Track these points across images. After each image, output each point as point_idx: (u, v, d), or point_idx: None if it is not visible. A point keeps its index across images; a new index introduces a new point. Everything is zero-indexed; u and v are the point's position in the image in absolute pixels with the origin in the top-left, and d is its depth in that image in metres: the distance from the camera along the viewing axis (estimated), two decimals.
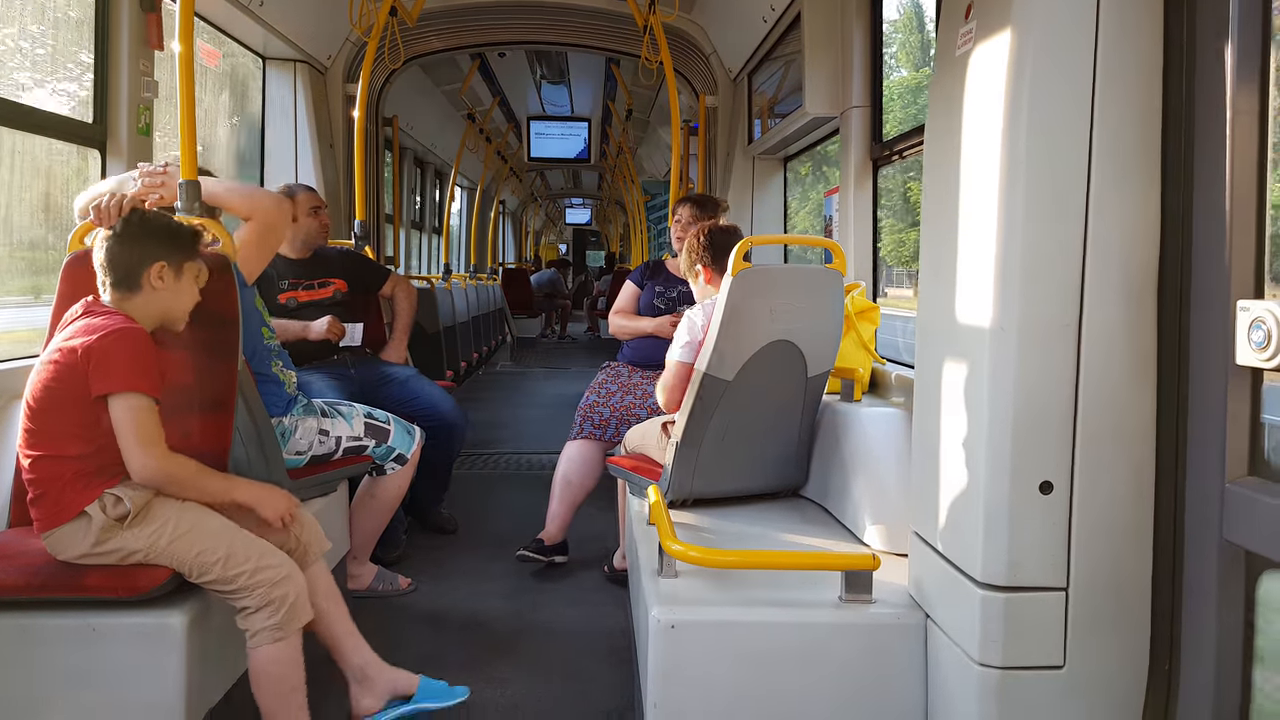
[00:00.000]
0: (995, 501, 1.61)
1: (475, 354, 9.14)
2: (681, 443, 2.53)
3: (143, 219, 2.09)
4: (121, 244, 2.03)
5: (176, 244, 2.08)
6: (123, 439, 1.89)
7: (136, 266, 2.02)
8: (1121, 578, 1.61)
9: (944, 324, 1.80)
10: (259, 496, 2.06)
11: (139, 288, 2.03)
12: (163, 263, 2.04)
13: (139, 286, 2.03)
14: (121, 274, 2.02)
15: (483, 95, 9.01)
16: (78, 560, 1.90)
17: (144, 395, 1.90)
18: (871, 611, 1.90)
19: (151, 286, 2.04)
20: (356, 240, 5.05)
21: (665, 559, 2.05)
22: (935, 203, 1.86)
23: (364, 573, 3.24)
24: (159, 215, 2.14)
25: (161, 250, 2.05)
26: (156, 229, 2.08)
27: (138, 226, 2.06)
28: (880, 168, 3.51)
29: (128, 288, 2.03)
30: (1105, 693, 1.62)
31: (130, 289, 2.03)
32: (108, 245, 2.04)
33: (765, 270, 2.51)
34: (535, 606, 3.19)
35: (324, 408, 2.99)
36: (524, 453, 5.75)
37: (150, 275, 2.03)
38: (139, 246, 2.03)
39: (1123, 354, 1.58)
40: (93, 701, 1.87)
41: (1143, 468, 1.59)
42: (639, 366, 3.75)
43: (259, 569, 1.93)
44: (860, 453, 2.46)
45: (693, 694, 1.85)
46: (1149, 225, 1.56)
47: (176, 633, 1.88)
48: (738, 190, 5.22)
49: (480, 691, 2.55)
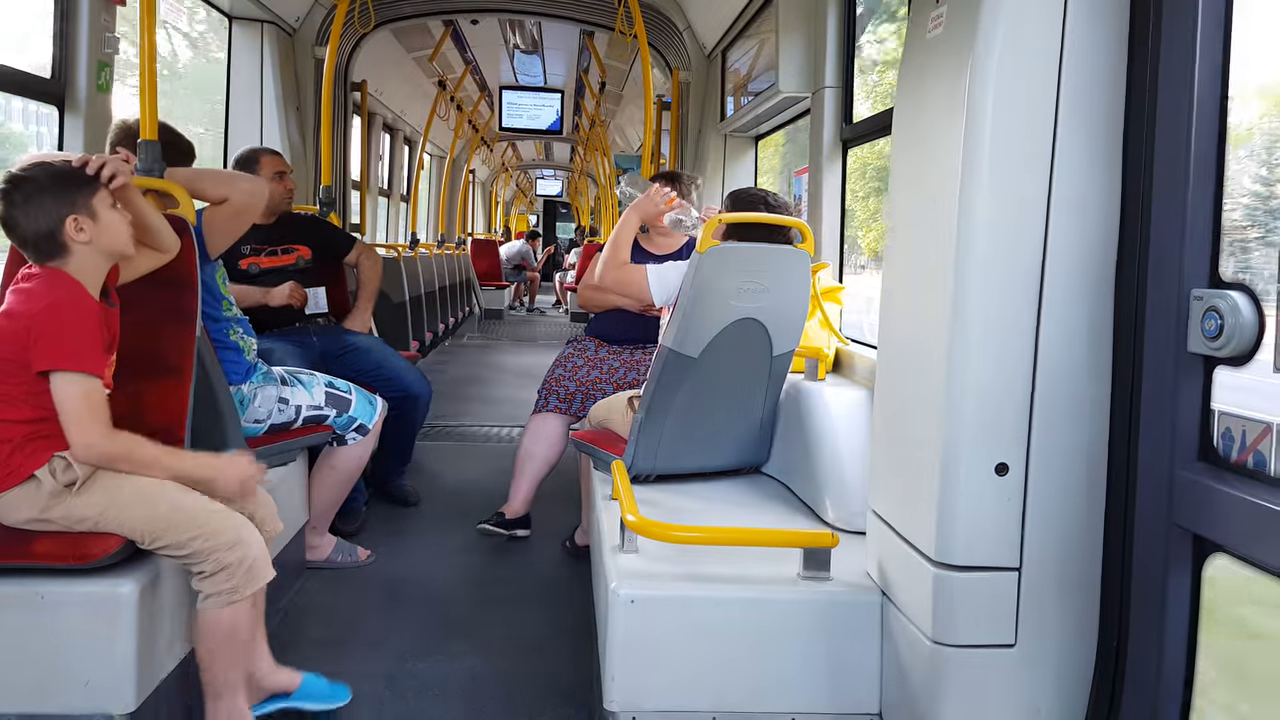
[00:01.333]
0: (951, 482, 1.63)
1: (442, 325, 9.08)
2: (646, 417, 2.53)
3: (19, 181, 1.86)
4: (23, 217, 1.86)
5: (72, 186, 1.88)
6: (63, 416, 1.82)
7: (49, 232, 1.86)
8: (1073, 559, 1.64)
9: (906, 306, 1.81)
10: (215, 467, 1.98)
11: (65, 250, 1.88)
12: (72, 215, 1.86)
13: (64, 249, 1.88)
14: (42, 247, 1.87)
15: (454, 63, 8.88)
16: (25, 525, 1.86)
17: (83, 374, 1.82)
18: (829, 589, 1.92)
19: (75, 241, 1.88)
20: (321, 206, 4.98)
21: (627, 534, 2.05)
22: (901, 184, 1.86)
23: (322, 544, 3.22)
24: (35, 168, 1.88)
25: (63, 203, 1.86)
26: (43, 185, 1.87)
27: (24, 191, 1.86)
28: (850, 149, 3.51)
29: (54, 255, 1.88)
30: (1055, 670, 1.65)
31: (58, 255, 1.88)
32: (11, 222, 1.87)
33: (733, 249, 2.51)
34: (496, 580, 3.19)
35: (284, 375, 2.96)
36: (488, 425, 5.73)
37: (68, 233, 1.87)
38: (38, 211, 1.85)
39: (1080, 340, 1.60)
40: (41, 671, 1.84)
41: (1096, 451, 1.62)
42: (606, 341, 3.73)
43: (212, 533, 1.89)
44: (822, 431, 2.48)
45: (652, 668, 1.86)
46: (1109, 212, 1.58)
47: (128, 601, 1.85)
48: (709, 168, 5.20)
49: (439, 664, 2.55)
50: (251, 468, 2.05)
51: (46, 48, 3.02)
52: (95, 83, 3.08)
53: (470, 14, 6.30)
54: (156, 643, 1.95)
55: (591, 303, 3.76)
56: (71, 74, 3.03)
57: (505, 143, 14.52)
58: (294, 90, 5.24)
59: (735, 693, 1.88)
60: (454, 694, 2.40)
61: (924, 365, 1.72)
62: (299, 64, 5.30)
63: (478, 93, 10.48)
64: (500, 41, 8.30)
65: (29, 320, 1.81)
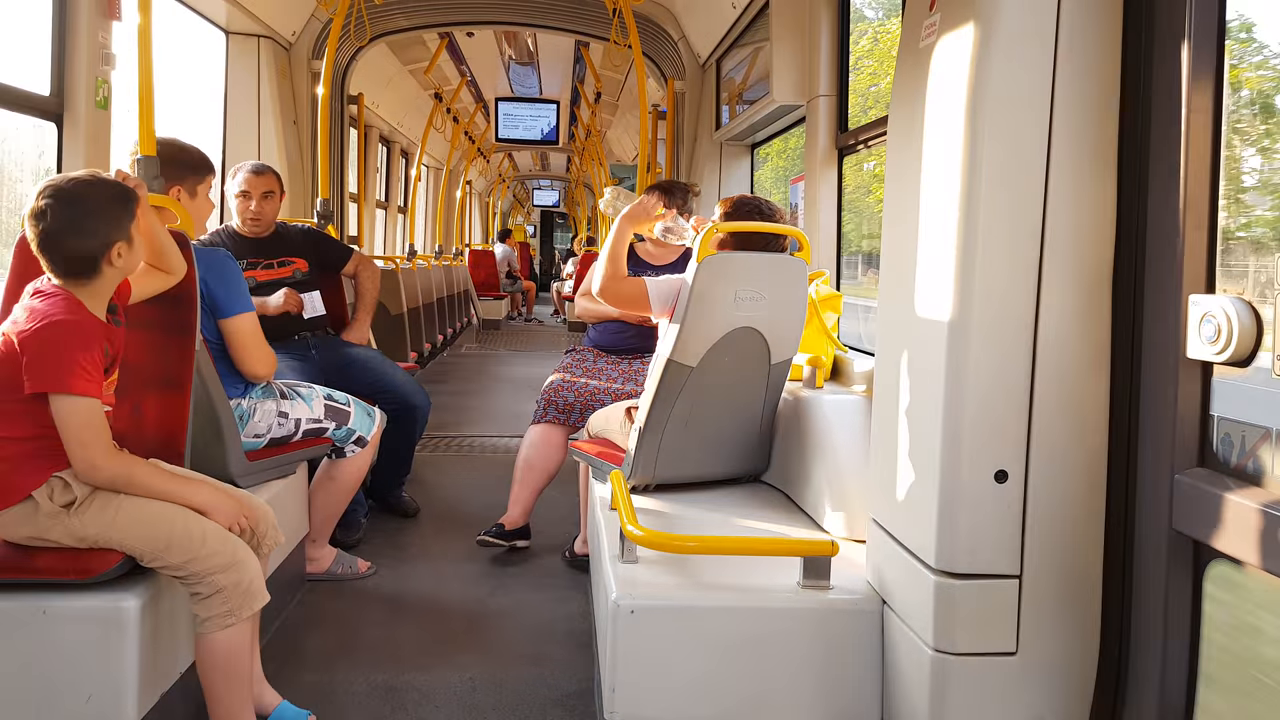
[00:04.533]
0: (951, 490, 1.63)
1: (440, 336, 9.08)
2: (645, 428, 2.53)
3: (71, 199, 1.83)
4: (72, 235, 1.82)
5: (124, 212, 1.89)
6: (64, 438, 1.81)
7: (93, 255, 1.84)
8: (1073, 566, 1.64)
9: (904, 313, 1.81)
10: (212, 502, 1.97)
11: (97, 273, 1.87)
12: (120, 242, 1.88)
13: (98, 272, 1.87)
14: (76, 267, 1.84)
15: (450, 75, 8.91)
16: (27, 541, 1.86)
17: (79, 397, 1.80)
18: (829, 597, 1.92)
19: (111, 264, 1.88)
20: (319, 219, 4.99)
21: (626, 544, 2.05)
22: (897, 193, 1.87)
23: (322, 556, 3.21)
24: (88, 187, 1.86)
25: (114, 228, 1.87)
26: (106, 202, 1.86)
27: (78, 210, 1.83)
28: (845, 156, 3.52)
29: (84, 275, 1.86)
30: (1057, 678, 1.65)
31: (88, 276, 1.86)
32: (58, 238, 1.82)
33: (730, 257, 2.52)
34: (496, 591, 3.19)
35: (283, 389, 2.96)
36: (487, 436, 5.73)
37: (110, 257, 1.87)
38: (92, 235, 1.84)
39: (1077, 346, 1.60)
40: (44, 684, 1.84)
41: (1095, 458, 1.62)
42: (605, 351, 3.74)
43: (209, 554, 1.89)
44: (821, 439, 2.48)
45: (652, 678, 1.86)
46: (1105, 220, 1.59)
47: (130, 616, 1.85)
48: (705, 176, 5.22)
49: (440, 675, 2.55)
50: (245, 511, 2.03)
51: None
52: (94, 99, 3.09)
53: (466, 26, 6.33)
54: (159, 656, 1.95)
55: (588, 313, 3.76)
56: (70, 90, 3.04)
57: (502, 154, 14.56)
58: (291, 104, 5.26)
59: (735, 703, 1.88)
60: (454, 705, 2.39)
61: (922, 373, 1.72)
62: (295, 77, 5.31)
63: (474, 104, 10.52)
64: (496, 53, 8.33)
65: (23, 341, 1.80)
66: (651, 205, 2.75)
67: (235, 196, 3.56)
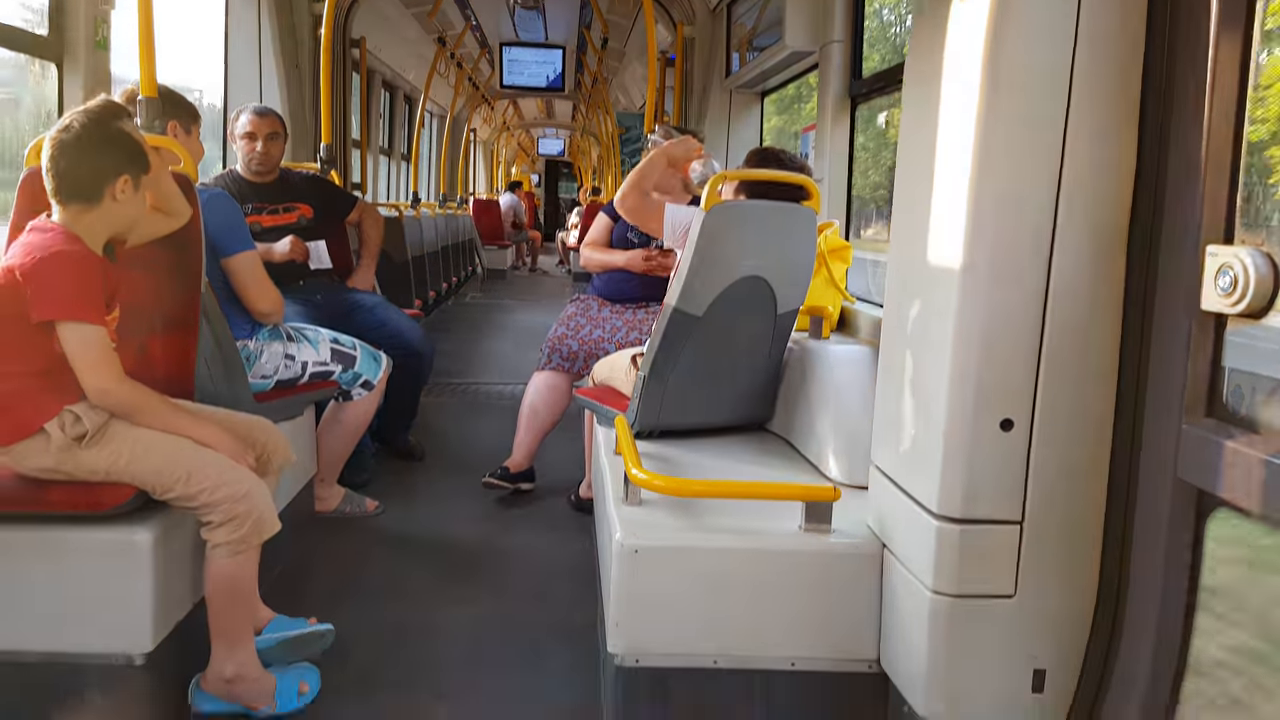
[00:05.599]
0: (955, 438, 1.64)
1: (445, 284, 9.06)
2: (649, 375, 2.54)
3: (106, 123, 1.89)
4: (85, 152, 1.87)
5: (141, 155, 1.96)
6: (74, 365, 1.85)
7: (100, 178, 1.88)
8: (1075, 513, 1.66)
9: (915, 261, 1.81)
10: (217, 439, 2.00)
11: (98, 201, 1.89)
12: (127, 175, 1.92)
13: (99, 199, 1.89)
14: (82, 186, 1.88)
15: (454, 19, 8.77)
16: (40, 475, 1.89)
17: (86, 324, 1.83)
18: (830, 541, 1.95)
19: (114, 199, 1.91)
20: (322, 165, 4.95)
21: (630, 487, 2.07)
22: (912, 141, 1.85)
23: (331, 495, 3.26)
24: (125, 121, 1.94)
25: (128, 162, 1.92)
26: (123, 137, 1.92)
27: (103, 132, 1.88)
28: (858, 105, 3.49)
29: (86, 200, 1.89)
30: (1053, 622, 1.68)
31: (89, 202, 1.89)
32: (68, 153, 1.86)
33: (738, 206, 2.50)
34: (501, 531, 3.23)
35: (290, 332, 2.97)
36: (492, 383, 5.75)
37: (115, 188, 1.90)
38: (105, 156, 1.88)
39: (1089, 295, 1.60)
40: (62, 614, 1.88)
41: (1103, 407, 1.63)
42: (609, 300, 3.74)
43: (219, 485, 1.92)
44: (826, 388, 2.49)
45: (654, 615, 1.90)
46: (1123, 169, 1.58)
47: (143, 548, 1.89)
48: (714, 124, 5.17)
49: (446, 611, 2.59)
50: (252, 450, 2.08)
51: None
52: (93, 39, 3.05)
53: None
54: (172, 587, 1.99)
55: (593, 263, 3.76)
56: (70, 30, 3.00)
57: (506, 101, 14.38)
58: (292, 48, 5.19)
59: (736, 640, 1.91)
60: (461, 639, 2.44)
61: (931, 319, 1.72)
62: (297, 21, 5.23)
63: (478, 50, 10.36)
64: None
65: (24, 272, 1.82)
66: (693, 144, 2.80)
67: (240, 138, 3.53)
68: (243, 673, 2.01)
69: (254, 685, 2.02)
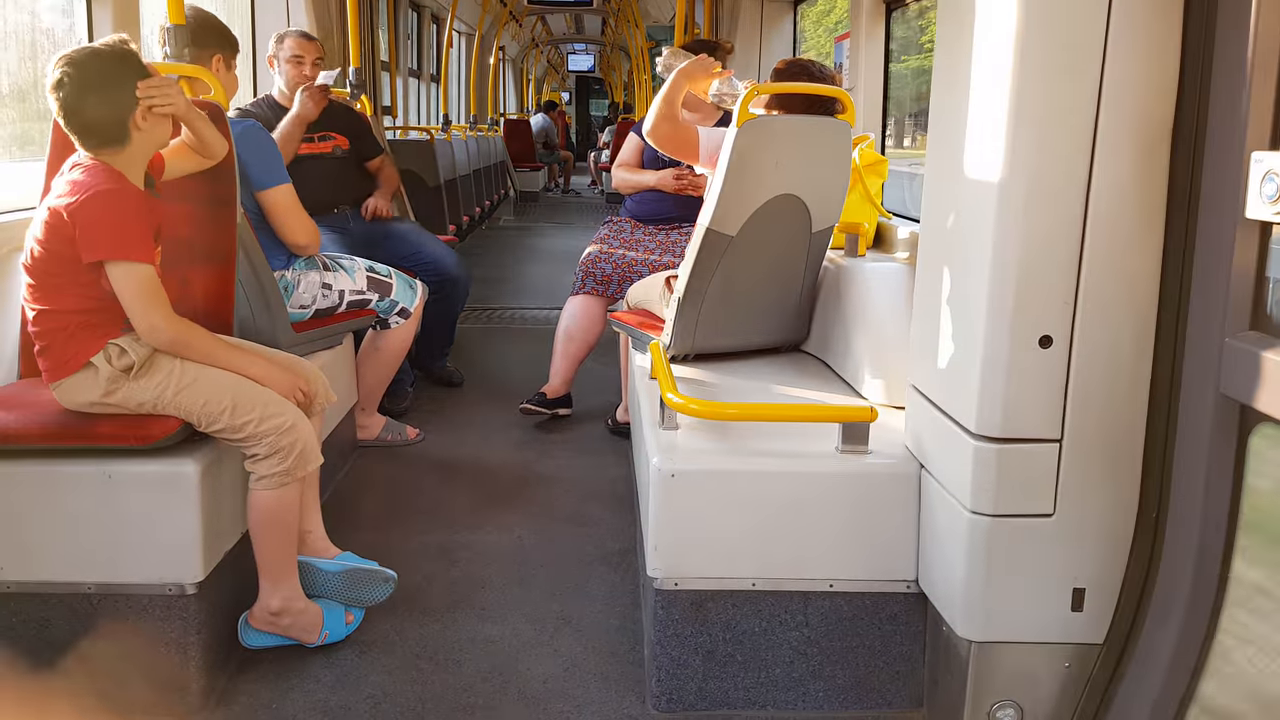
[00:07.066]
0: (993, 356, 1.61)
1: (478, 208, 9.03)
2: (684, 298, 2.52)
3: (88, 64, 1.84)
4: (90, 102, 1.84)
5: (141, 70, 1.90)
6: (125, 304, 1.87)
7: (117, 119, 1.86)
8: (1116, 430, 1.63)
9: (952, 176, 1.76)
10: (268, 374, 2.02)
11: (125, 140, 1.89)
12: (138, 105, 1.88)
13: (125, 139, 1.89)
14: (105, 133, 1.87)
15: None
16: (87, 409, 1.93)
17: (135, 263, 1.84)
18: (868, 461, 1.95)
19: (137, 129, 1.89)
20: (352, 89, 4.90)
21: (666, 411, 2.08)
22: (948, 52, 1.78)
23: (372, 423, 3.32)
24: (120, 51, 1.90)
25: (134, 93, 1.87)
26: (124, 70, 1.88)
27: (99, 76, 1.85)
28: (893, 11, 3.36)
29: (114, 143, 1.88)
30: (1092, 540, 1.67)
31: (117, 144, 1.88)
32: (75, 109, 1.84)
33: (771, 121, 2.44)
34: (540, 456, 3.27)
35: (326, 261, 2.99)
36: (527, 308, 5.77)
37: (134, 121, 1.88)
38: (111, 98, 1.85)
39: (1131, 207, 1.55)
40: (115, 546, 1.94)
41: (1144, 322, 1.59)
42: (642, 222, 3.70)
43: (265, 418, 1.95)
44: (862, 307, 2.46)
45: (691, 538, 1.92)
46: (1166, 76, 1.50)
47: (190, 480, 1.93)
48: (745, 36, 5.02)
49: (489, 534, 2.65)
50: (301, 384, 2.09)
51: None
52: None
53: None
54: (221, 518, 2.05)
55: (625, 184, 3.71)
56: None
57: (534, 17, 14.07)
58: None
59: (774, 562, 1.93)
60: (504, 562, 2.50)
61: (968, 236, 1.68)
62: None
63: None
64: None
65: (72, 213, 1.83)
66: (709, 63, 2.69)
67: (286, 62, 3.49)
68: (288, 605, 2.06)
69: (301, 618, 2.08)
